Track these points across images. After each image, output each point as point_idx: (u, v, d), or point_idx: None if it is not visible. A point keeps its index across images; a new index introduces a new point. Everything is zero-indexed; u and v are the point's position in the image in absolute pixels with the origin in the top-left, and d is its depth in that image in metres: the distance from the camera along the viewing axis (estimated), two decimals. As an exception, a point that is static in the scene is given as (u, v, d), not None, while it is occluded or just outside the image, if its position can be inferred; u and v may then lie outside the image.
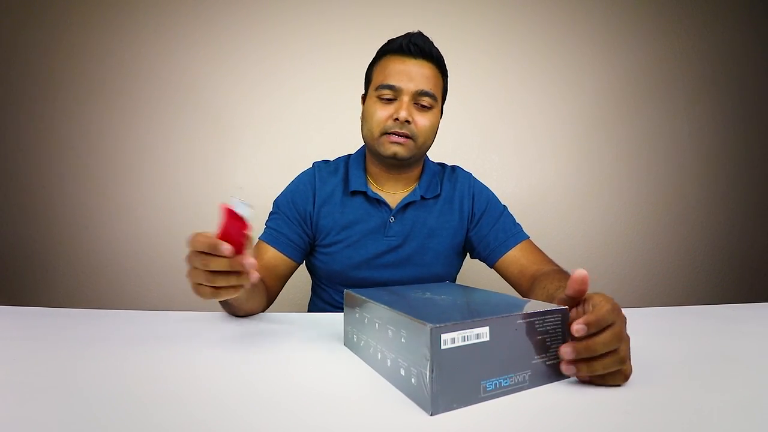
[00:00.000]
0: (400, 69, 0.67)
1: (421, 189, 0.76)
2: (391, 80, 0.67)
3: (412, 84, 0.67)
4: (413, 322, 0.30)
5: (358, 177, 0.75)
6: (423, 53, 0.68)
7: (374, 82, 0.70)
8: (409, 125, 0.67)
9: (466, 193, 0.79)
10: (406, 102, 0.67)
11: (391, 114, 0.67)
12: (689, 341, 0.46)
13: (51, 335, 0.47)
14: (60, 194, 1.30)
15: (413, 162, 0.74)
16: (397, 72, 0.67)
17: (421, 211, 0.75)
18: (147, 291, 1.29)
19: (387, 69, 0.68)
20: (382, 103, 0.68)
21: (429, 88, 0.68)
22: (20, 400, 0.29)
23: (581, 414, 0.28)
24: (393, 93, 0.68)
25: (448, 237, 0.76)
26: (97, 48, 1.31)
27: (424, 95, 0.68)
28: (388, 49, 0.70)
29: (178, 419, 0.27)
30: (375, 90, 0.69)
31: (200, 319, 0.56)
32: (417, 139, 0.69)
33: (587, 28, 1.41)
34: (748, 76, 1.44)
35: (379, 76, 0.69)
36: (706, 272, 1.41)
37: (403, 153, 0.69)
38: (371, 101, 0.70)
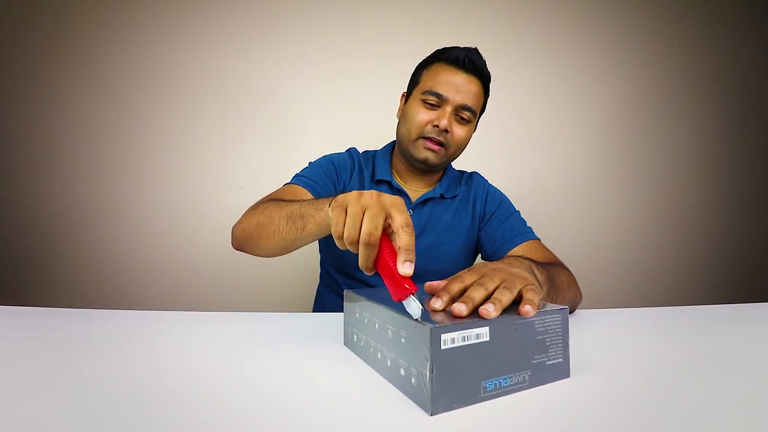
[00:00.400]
0: (451, 80, 0.70)
1: (441, 188, 0.80)
2: (440, 89, 0.70)
3: (459, 96, 0.70)
4: (413, 322, 0.30)
5: (384, 168, 0.80)
6: (475, 70, 0.71)
7: (422, 86, 0.73)
8: (446, 134, 0.71)
9: (480, 194, 0.83)
10: (448, 112, 0.70)
11: (432, 120, 0.71)
12: (689, 341, 0.46)
13: (51, 335, 0.47)
14: (60, 194, 1.30)
15: (440, 167, 0.78)
16: (447, 82, 0.70)
17: (439, 207, 0.79)
18: (147, 291, 1.29)
19: (438, 76, 0.71)
20: (426, 108, 0.71)
21: (472, 104, 0.71)
22: (20, 400, 0.29)
23: (581, 414, 0.28)
24: (438, 101, 0.71)
25: (462, 235, 0.79)
26: (97, 48, 1.31)
27: (466, 109, 0.71)
28: (442, 58, 0.72)
29: (178, 419, 0.27)
30: (421, 93, 0.72)
31: (200, 319, 0.56)
32: (449, 148, 0.73)
33: (587, 28, 1.41)
34: (748, 76, 1.44)
35: (429, 81, 0.72)
36: (706, 272, 1.41)
37: (434, 160, 0.73)
38: (415, 103, 0.73)
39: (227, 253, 1.30)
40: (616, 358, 0.40)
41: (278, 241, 0.56)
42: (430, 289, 0.40)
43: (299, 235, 0.53)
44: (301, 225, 0.52)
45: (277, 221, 0.56)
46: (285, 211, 0.55)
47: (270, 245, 0.57)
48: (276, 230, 0.55)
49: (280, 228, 0.55)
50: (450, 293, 0.34)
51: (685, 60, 1.43)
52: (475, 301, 0.32)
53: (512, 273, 0.38)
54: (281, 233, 0.55)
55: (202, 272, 1.30)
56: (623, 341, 0.46)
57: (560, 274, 0.57)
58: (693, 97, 1.43)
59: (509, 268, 0.39)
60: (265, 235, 0.57)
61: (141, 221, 1.30)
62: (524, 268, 0.43)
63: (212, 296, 1.30)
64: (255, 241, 0.59)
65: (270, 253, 0.60)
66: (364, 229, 0.36)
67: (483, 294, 0.33)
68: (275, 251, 0.58)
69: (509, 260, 0.45)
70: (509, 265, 0.41)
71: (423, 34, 1.37)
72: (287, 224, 0.54)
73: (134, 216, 1.30)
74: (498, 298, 0.32)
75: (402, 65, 1.35)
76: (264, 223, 0.57)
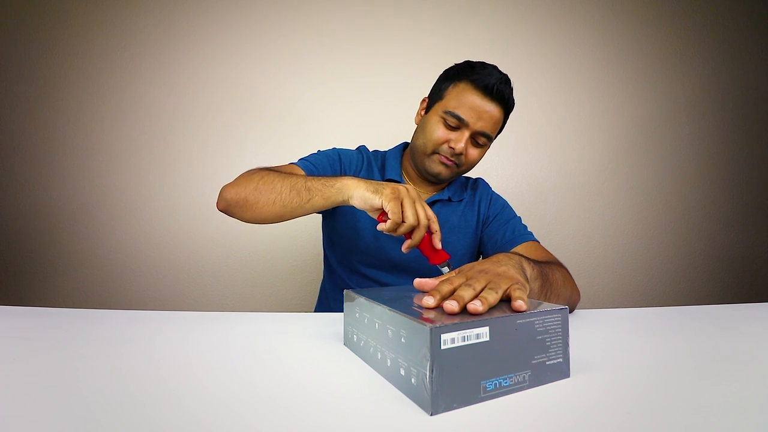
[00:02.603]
0: (475, 106, 0.70)
1: (450, 192, 0.81)
2: (462, 112, 0.70)
3: (480, 123, 0.70)
4: (413, 322, 0.30)
5: (395, 168, 0.81)
6: (501, 99, 0.70)
7: (445, 104, 0.72)
8: (461, 156, 0.72)
9: (485, 198, 0.84)
10: (466, 136, 0.71)
11: (449, 140, 0.71)
12: (689, 341, 0.46)
13: (51, 335, 0.47)
14: (60, 194, 1.30)
15: (450, 181, 0.81)
16: (471, 107, 0.70)
17: (447, 209, 0.81)
18: (147, 291, 1.29)
19: (462, 98, 0.70)
20: (445, 127, 0.71)
21: (491, 130, 0.72)
22: (20, 400, 0.29)
23: (581, 414, 0.28)
24: (458, 123, 0.70)
25: (468, 236, 0.81)
26: (97, 48, 1.31)
27: (484, 136, 0.72)
28: (472, 79, 0.70)
29: (178, 419, 0.27)
30: (443, 111, 0.71)
31: (200, 319, 0.56)
32: (461, 167, 0.75)
33: (587, 28, 1.41)
34: (748, 76, 1.44)
35: (452, 101, 0.71)
36: (706, 272, 1.41)
37: (446, 175, 0.75)
38: (435, 118, 0.73)
39: (227, 253, 1.30)
40: (616, 358, 0.40)
41: (278, 207, 0.59)
42: (419, 285, 0.42)
43: (302, 205, 0.58)
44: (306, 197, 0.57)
45: (280, 188, 0.59)
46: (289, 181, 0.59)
47: (267, 211, 0.59)
48: (277, 198, 0.58)
49: (282, 196, 0.58)
50: (441, 293, 0.36)
51: (685, 60, 1.43)
52: (465, 300, 0.34)
53: (498, 273, 0.40)
54: (282, 200, 0.58)
55: (202, 272, 1.30)
56: (623, 341, 0.46)
57: (555, 271, 0.58)
58: (693, 98, 1.43)
59: (496, 267, 0.42)
60: (263, 201, 0.59)
61: (141, 221, 1.30)
62: (512, 264, 0.45)
63: (212, 296, 1.30)
64: (249, 204, 0.60)
65: (262, 219, 0.62)
66: (423, 216, 0.52)
67: (471, 293, 0.35)
68: (269, 217, 0.61)
69: (498, 257, 0.46)
70: (497, 263, 0.43)
71: (429, 35, 1.37)
72: (290, 193, 0.58)
73: (134, 216, 1.30)
74: (485, 296, 0.34)
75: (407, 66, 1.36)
76: (264, 189, 0.59)
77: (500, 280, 0.38)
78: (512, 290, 0.36)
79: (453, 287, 0.37)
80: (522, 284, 0.39)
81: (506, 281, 0.38)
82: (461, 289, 0.35)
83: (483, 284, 0.37)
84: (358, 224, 0.77)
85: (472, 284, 0.36)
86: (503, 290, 0.36)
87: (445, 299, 0.34)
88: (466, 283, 0.37)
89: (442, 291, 0.36)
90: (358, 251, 0.78)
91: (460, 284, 0.37)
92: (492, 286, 0.36)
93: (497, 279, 0.38)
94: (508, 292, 0.37)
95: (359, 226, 0.77)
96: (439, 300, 0.35)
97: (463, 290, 0.35)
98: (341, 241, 0.80)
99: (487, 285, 0.37)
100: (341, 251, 0.80)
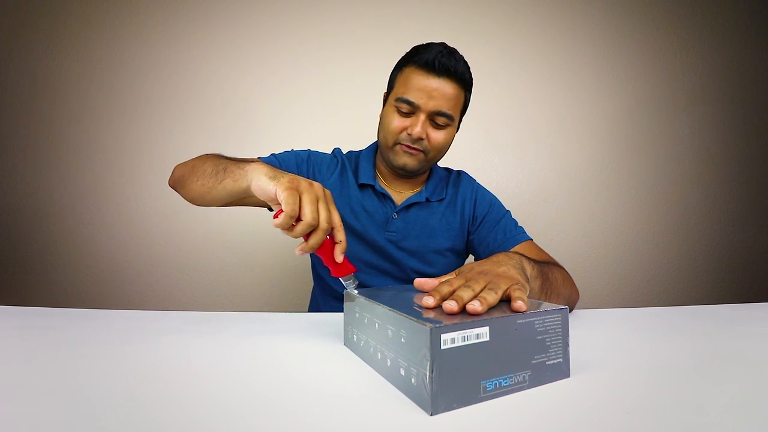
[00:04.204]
0: (422, 86, 0.66)
1: (427, 191, 0.77)
2: (411, 96, 0.67)
3: (432, 103, 0.66)
4: (413, 322, 0.30)
5: (368, 170, 0.77)
6: (448, 72, 0.66)
7: (394, 92, 0.70)
8: (422, 141, 0.68)
9: (469, 197, 0.80)
10: (422, 119, 0.67)
11: (406, 127, 0.68)
12: (689, 341, 0.46)
13: (51, 335, 0.47)
14: (60, 194, 1.30)
15: (422, 172, 0.76)
16: (418, 89, 0.66)
17: (424, 211, 0.77)
18: (147, 291, 1.29)
19: (409, 83, 0.67)
20: (399, 115, 0.69)
21: (447, 108, 0.67)
22: (20, 400, 0.29)
23: (581, 414, 0.28)
24: (410, 108, 0.67)
25: (450, 238, 0.78)
26: (97, 48, 1.31)
27: (441, 115, 0.67)
28: (413, 60, 0.68)
29: (178, 419, 0.27)
30: (395, 101, 0.69)
31: (200, 319, 0.56)
32: (428, 153, 0.71)
33: (587, 28, 1.41)
34: (748, 76, 1.44)
35: (400, 87, 0.69)
36: (706, 272, 1.41)
37: (413, 165, 0.71)
38: (390, 109, 0.70)
39: (227, 253, 1.30)
40: (616, 358, 0.40)
41: (198, 187, 0.58)
42: (419, 285, 0.43)
43: (215, 186, 0.55)
44: (221, 177, 0.54)
45: (204, 167, 0.57)
46: (215, 162, 0.57)
47: (194, 189, 0.59)
48: (201, 175, 0.57)
49: (204, 174, 0.57)
50: (441, 293, 0.36)
51: (685, 60, 1.43)
52: (464, 300, 0.34)
53: (498, 274, 0.40)
54: (202, 180, 0.57)
55: (202, 272, 1.30)
56: (623, 341, 0.46)
57: (554, 271, 0.58)
58: (693, 98, 1.43)
59: (495, 268, 0.42)
60: (192, 179, 0.59)
61: (141, 221, 1.30)
62: (512, 264, 0.45)
63: (212, 296, 1.30)
64: (184, 181, 0.61)
65: (192, 198, 0.62)
66: (324, 218, 0.43)
67: (470, 294, 0.35)
68: (196, 198, 0.60)
69: (498, 257, 0.46)
70: (496, 264, 0.43)
71: (428, 35, 1.36)
72: (210, 173, 0.56)
73: (134, 216, 1.30)
74: (484, 297, 0.34)
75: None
76: (196, 168, 0.59)
77: (500, 281, 0.38)
78: (512, 290, 0.36)
79: (452, 288, 0.37)
80: (522, 284, 0.39)
81: (506, 282, 0.38)
82: (460, 290, 0.35)
83: (482, 285, 0.37)
84: None
85: (471, 285, 0.36)
86: (503, 291, 0.37)
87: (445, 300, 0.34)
88: (466, 284, 0.37)
89: (441, 292, 0.36)
90: None
91: (460, 285, 0.37)
92: (491, 286, 0.37)
93: (497, 279, 0.38)
94: (508, 292, 0.37)
95: None
96: (438, 300, 0.35)
97: (463, 291, 0.35)
98: None
99: (486, 286, 0.37)
100: None
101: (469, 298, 0.34)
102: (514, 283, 0.38)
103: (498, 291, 0.36)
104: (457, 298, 0.34)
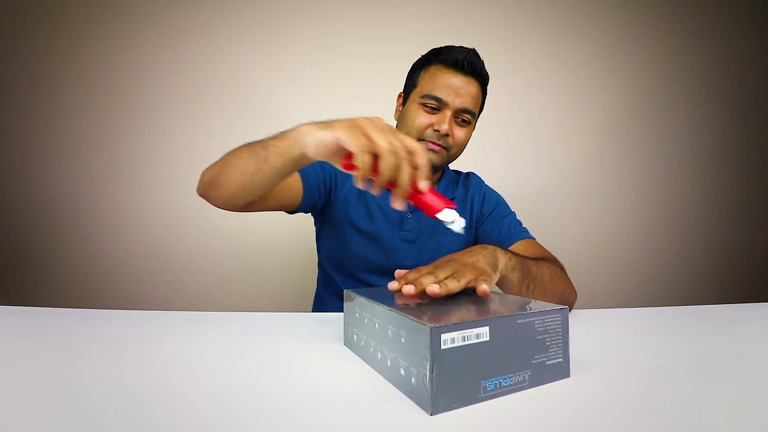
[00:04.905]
0: (450, 83, 0.69)
1: (440, 190, 0.79)
2: (440, 93, 0.69)
3: (459, 100, 0.69)
4: (413, 322, 0.30)
5: None
6: (474, 72, 0.70)
7: (420, 89, 0.72)
8: (447, 138, 0.70)
9: (477, 195, 0.83)
10: (448, 116, 0.69)
11: (432, 124, 0.70)
12: (689, 341, 0.46)
13: (51, 335, 0.47)
14: (60, 194, 1.30)
15: (440, 169, 0.78)
16: (447, 86, 0.69)
17: None
18: (147, 291, 1.29)
19: (437, 80, 0.70)
20: (425, 111, 0.70)
21: (472, 106, 0.70)
22: (20, 400, 0.29)
23: (581, 414, 0.28)
24: (438, 104, 0.69)
25: (461, 236, 0.79)
26: (97, 48, 1.31)
27: (466, 112, 0.70)
28: (440, 59, 0.70)
29: (178, 419, 0.27)
30: (420, 97, 0.70)
31: (200, 319, 0.56)
32: (450, 150, 0.73)
33: (587, 28, 1.41)
34: (748, 76, 1.44)
35: (427, 84, 0.71)
36: (705, 272, 1.41)
37: (437, 161, 0.72)
38: (414, 106, 0.72)
39: (227, 253, 1.30)
40: (616, 358, 0.40)
41: (237, 176, 0.51)
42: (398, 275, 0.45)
43: (260, 168, 0.48)
44: (262, 156, 0.48)
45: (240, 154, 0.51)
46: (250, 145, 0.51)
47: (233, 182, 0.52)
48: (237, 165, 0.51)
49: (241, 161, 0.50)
50: (406, 279, 0.39)
51: (685, 60, 1.43)
52: (423, 285, 0.37)
53: (465, 263, 0.42)
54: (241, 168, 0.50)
55: (202, 272, 1.30)
56: (623, 341, 0.46)
57: (542, 266, 0.58)
58: (693, 98, 1.43)
59: (465, 258, 0.44)
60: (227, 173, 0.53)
61: (141, 221, 1.30)
62: (483, 255, 0.47)
63: (212, 296, 1.30)
64: (218, 179, 0.54)
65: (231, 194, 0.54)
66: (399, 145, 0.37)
67: (431, 280, 0.38)
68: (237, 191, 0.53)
69: (472, 248, 0.48)
70: (467, 254, 0.46)
71: (421, 35, 1.37)
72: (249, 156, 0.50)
73: (134, 216, 1.30)
74: (445, 283, 0.37)
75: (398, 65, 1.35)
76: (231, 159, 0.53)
77: (465, 270, 0.40)
78: (477, 282, 0.39)
79: (418, 275, 0.39)
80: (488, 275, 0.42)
81: (472, 271, 0.40)
82: (423, 276, 0.38)
83: (447, 273, 0.39)
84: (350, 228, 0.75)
85: (435, 272, 0.39)
86: (467, 279, 0.39)
87: None
88: (431, 271, 0.39)
89: (407, 278, 0.39)
90: (354, 257, 0.76)
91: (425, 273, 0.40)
92: (456, 275, 0.39)
93: (462, 269, 0.41)
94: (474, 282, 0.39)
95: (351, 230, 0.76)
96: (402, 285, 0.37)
97: (425, 277, 0.38)
98: (334, 245, 0.78)
99: (452, 274, 0.39)
100: (338, 258, 0.78)
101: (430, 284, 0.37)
102: (480, 274, 0.41)
103: (462, 279, 0.38)
104: (417, 282, 0.36)
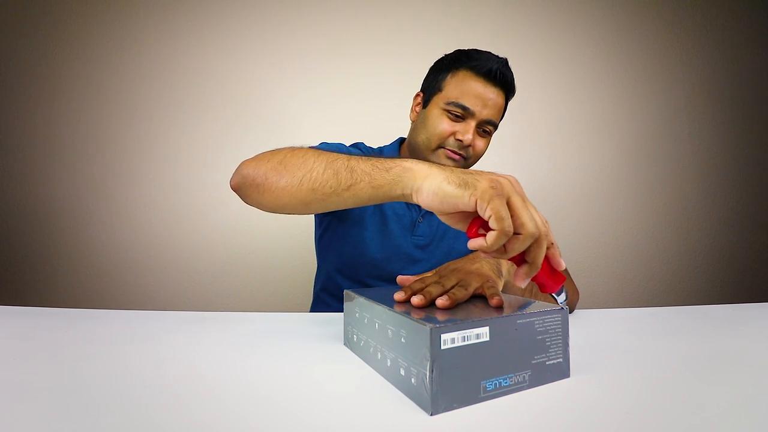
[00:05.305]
0: (479, 93, 0.66)
1: None
2: (467, 102, 0.66)
3: (486, 111, 0.67)
4: (413, 322, 0.30)
5: None
6: (505, 84, 0.68)
7: (446, 94, 0.68)
8: (468, 148, 0.69)
9: None
10: (473, 126, 0.67)
11: (455, 132, 0.67)
12: (689, 341, 0.46)
13: (51, 335, 0.47)
14: (60, 194, 1.30)
15: None
16: (475, 95, 0.66)
17: None
18: (147, 291, 1.29)
19: (465, 86, 0.67)
20: (449, 119, 0.68)
21: (496, 118, 0.69)
22: (20, 400, 0.29)
23: (581, 414, 0.28)
24: (463, 113, 0.67)
25: None
26: (97, 48, 1.31)
27: (490, 124, 0.69)
28: (471, 66, 0.67)
29: (178, 419, 0.27)
30: (445, 103, 0.67)
31: (200, 319, 0.56)
32: (468, 160, 0.71)
33: (587, 28, 1.41)
34: (748, 76, 1.44)
35: (454, 91, 0.67)
36: (706, 272, 1.41)
37: None
38: (437, 111, 0.69)
39: (228, 253, 1.30)
40: (616, 358, 0.40)
41: (305, 190, 0.42)
42: (401, 281, 0.45)
43: (339, 192, 0.40)
44: (347, 180, 0.40)
45: (312, 164, 0.43)
46: (326, 157, 0.43)
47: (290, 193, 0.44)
48: (307, 176, 0.42)
49: (314, 174, 0.42)
50: (412, 289, 0.38)
51: (685, 60, 1.43)
52: (432, 295, 0.36)
53: (469, 271, 0.42)
54: (313, 181, 0.42)
55: (202, 272, 1.30)
56: (623, 341, 0.46)
57: None
58: (693, 97, 1.43)
59: (468, 266, 0.44)
60: (287, 179, 0.44)
61: (141, 221, 1.30)
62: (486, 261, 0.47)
63: (212, 296, 1.30)
64: (269, 183, 0.46)
65: (282, 204, 0.46)
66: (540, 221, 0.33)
67: (440, 290, 0.37)
68: (291, 203, 0.45)
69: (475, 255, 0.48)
70: (470, 261, 0.45)
71: (428, 35, 1.37)
72: (326, 172, 0.41)
73: (134, 216, 1.30)
74: (453, 293, 0.36)
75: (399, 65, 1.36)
76: (292, 164, 0.44)
77: (471, 278, 0.40)
78: (484, 289, 0.38)
79: (425, 285, 0.38)
80: (493, 281, 0.41)
81: (477, 279, 0.40)
82: (431, 286, 0.37)
83: (453, 282, 0.39)
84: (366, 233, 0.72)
85: (442, 282, 0.38)
86: (473, 288, 0.38)
87: None
88: (438, 281, 0.39)
89: (414, 288, 0.38)
90: (365, 263, 0.72)
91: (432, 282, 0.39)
92: (462, 283, 0.38)
93: (467, 277, 0.40)
94: (481, 290, 0.38)
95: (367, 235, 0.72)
96: (409, 295, 0.37)
97: (433, 287, 0.37)
98: (344, 248, 0.73)
99: (458, 283, 0.38)
100: (344, 260, 0.74)
101: (438, 293, 0.36)
102: (485, 280, 0.40)
103: (468, 288, 0.38)
104: (426, 293, 0.35)
